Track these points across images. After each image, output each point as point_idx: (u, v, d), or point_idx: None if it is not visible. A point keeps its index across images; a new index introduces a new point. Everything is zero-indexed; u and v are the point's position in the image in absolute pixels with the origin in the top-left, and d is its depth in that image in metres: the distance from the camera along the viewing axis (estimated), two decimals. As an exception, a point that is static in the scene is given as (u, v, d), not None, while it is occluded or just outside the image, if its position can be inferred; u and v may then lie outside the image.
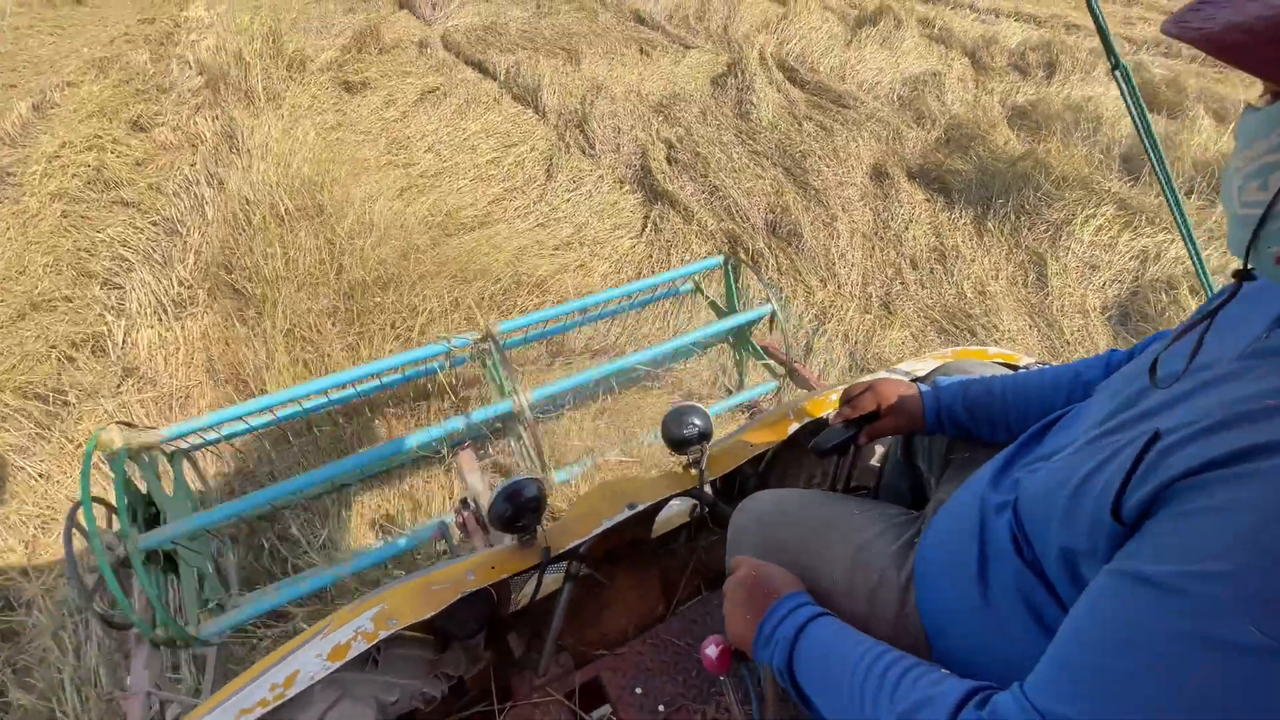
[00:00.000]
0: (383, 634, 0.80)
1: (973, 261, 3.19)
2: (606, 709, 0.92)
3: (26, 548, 1.93)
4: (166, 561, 1.36)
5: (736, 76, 4.98)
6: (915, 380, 1.03)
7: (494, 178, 3.76)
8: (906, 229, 3.43)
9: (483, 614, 0.95)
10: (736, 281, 2.07)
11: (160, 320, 2.64)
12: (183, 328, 2.60)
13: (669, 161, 4.05)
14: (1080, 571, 0.50)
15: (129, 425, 1.40)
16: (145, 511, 1.40)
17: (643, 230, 3.51)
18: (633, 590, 1.12)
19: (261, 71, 4.27)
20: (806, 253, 3.27)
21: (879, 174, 3.95)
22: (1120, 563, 0.43)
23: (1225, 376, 0.45)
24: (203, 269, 2.94)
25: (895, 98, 4.97)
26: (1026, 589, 0.55)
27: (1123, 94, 1.36)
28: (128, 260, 3.03)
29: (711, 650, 0.75)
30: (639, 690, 0.91)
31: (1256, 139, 0.42)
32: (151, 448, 1.45)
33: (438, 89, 4.70)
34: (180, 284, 2.87)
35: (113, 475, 1.27)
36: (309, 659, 0.77)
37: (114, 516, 1.30)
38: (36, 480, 2.04)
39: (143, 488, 1.43)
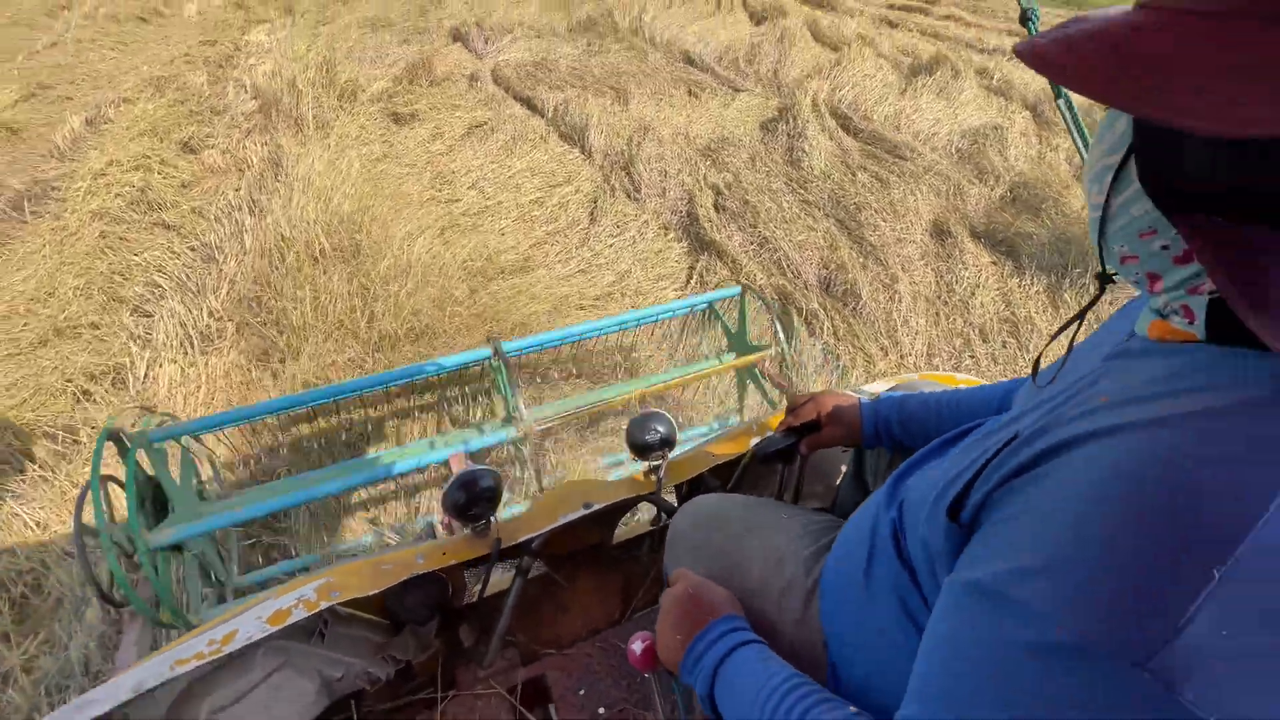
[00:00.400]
0: (324, 604, 0.81)
1: (1048, 336, 2.93)
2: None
3: (14, 609, 1.76)
4: (170, 546, 1.37)
5: (787, 122, 4.85)
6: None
7: (537, 219, 3.64)
8: (973, 294, 3.19)
9: (434, 600, 0.96)
10: (766, 313, 2.03)
11: (185, 354, 2.52)
12: (206, 364, 2.48)
13: (717, 209, 3.89)
14: (937, 571, 0.50)
15: (149, 410, 1.44)
16: (153, 497, 1.42)
17: (687, 282, 3.34)
18: (591, 595, 1.12)
19: (313, 100, 4.26)
20: (865, 316, 3.05)
21: (940, 232, 3.73)
22: (957, 571, 0.44)
23: (1086, 377, 0.46)
24: (235, 300, 2.83)
25: (954, 150, 4.77)
26: (902, 590, 0.56)
27: (1068, 126, 1.31)
28: (160, 287, 2.94)
29: (637, 646, 0.73)
30: (582, 692, 0.93)
31: (1098, 143, 0.44)
32: (162, 436, 1.45)
33: (485, 123, 4.65)
34: (210, 315, 2.76)
35: (123, 463, 1.30)
36: (249, 620, 0.78)
37: (120, 498, 1.32)
38: (31, 529, 1.89)
39: (150, 471, 1.44)
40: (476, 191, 3.81)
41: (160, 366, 2.42)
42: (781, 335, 1.90)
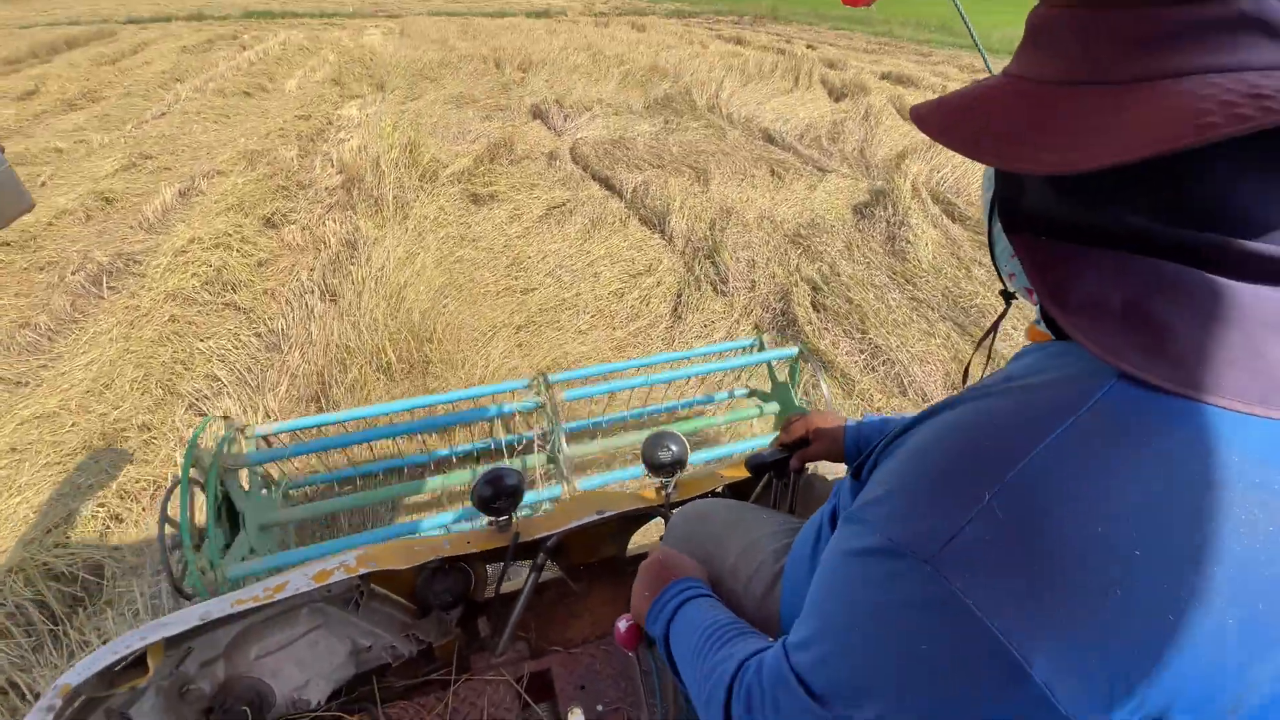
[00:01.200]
0: (361, 570, 0.94)
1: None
2: (580, 714, 0.96)
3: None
4: (232, 526, 1.50)
5: (885, 207, 4.48)
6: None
7: (617, 315, 3.33)
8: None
9: (459, 589, 1.07)
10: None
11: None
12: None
13: (816, 308, 3.50)
14: None
15: (227, 419, 1.56)
16: (227, 509, 1.52)
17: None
18: (601, 603, 1.19)
19: (395, 180, 4.20)
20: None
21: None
22: (844, 512, 0.50)
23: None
24: (294, 400, 2.59)
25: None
26: None
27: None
28: (219, 380, 2.74)
29: (621, 625, 0.79)
30: (583, 688, 1.02)
31: (985, 181, 0.52)
32: (238, 460, 1.56)
33: (564, 204, 4.49)
34: (266, 416, 2.52)
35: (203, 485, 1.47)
36: (297, 575, 0.93)
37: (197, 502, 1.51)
38: (21, 705, 1.57)
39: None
40: (554, 280, 3.56)
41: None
42: (829, 400, 1.92)
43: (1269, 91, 0.31)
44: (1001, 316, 0.64)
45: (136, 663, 0.85)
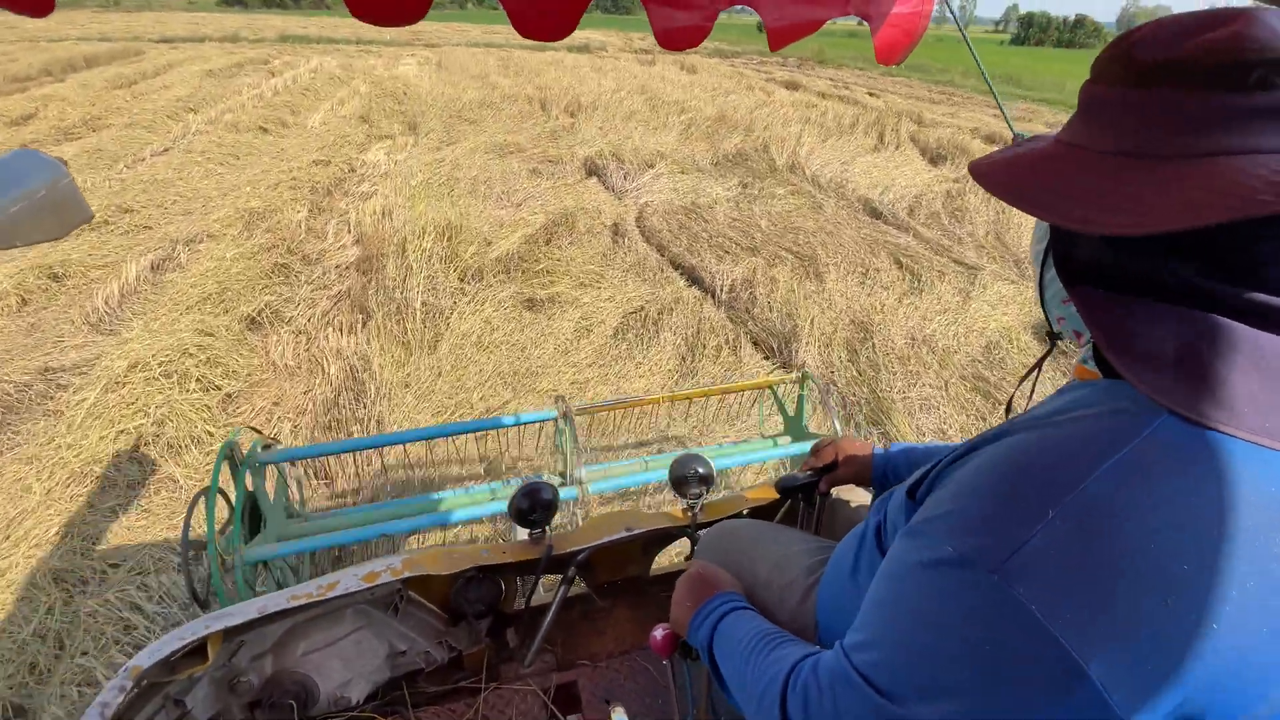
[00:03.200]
0: (406, 573, 0.98)
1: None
2: (622, 712, 0.95)
3: None
4: (253, 526, 1.53)
5: (1073, 334, 3.31)
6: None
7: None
8: None
9: (491, 599, 1.08)
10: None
11: None
12: None
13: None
14: None
15: (256, 431, 1.60)
16: (250, 511, 1.53)
17: None
18: (626, 620, 1.22)
19: (426, 280, 3.11)
20: None
21: None
22: (904, 528, 0.51)
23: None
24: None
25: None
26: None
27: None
28: (124, 650, 1.61)
29: (658, 633, 0.81)
30: (608, 701, 1.04)
31: (1036, 232, 0.57)
32: (269, 460, 1.57)
33: (643, 308, 3.38)
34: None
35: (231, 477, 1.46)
36: (348, 576, 0.97)
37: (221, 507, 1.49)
38: None
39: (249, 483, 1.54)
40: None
41: None
42: (838, 426, 1.84)
43: None
44: (1046, 355, 0.67)
45: (194, 652, 0.88)
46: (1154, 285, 0.43)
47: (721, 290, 3.69)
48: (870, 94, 12.23)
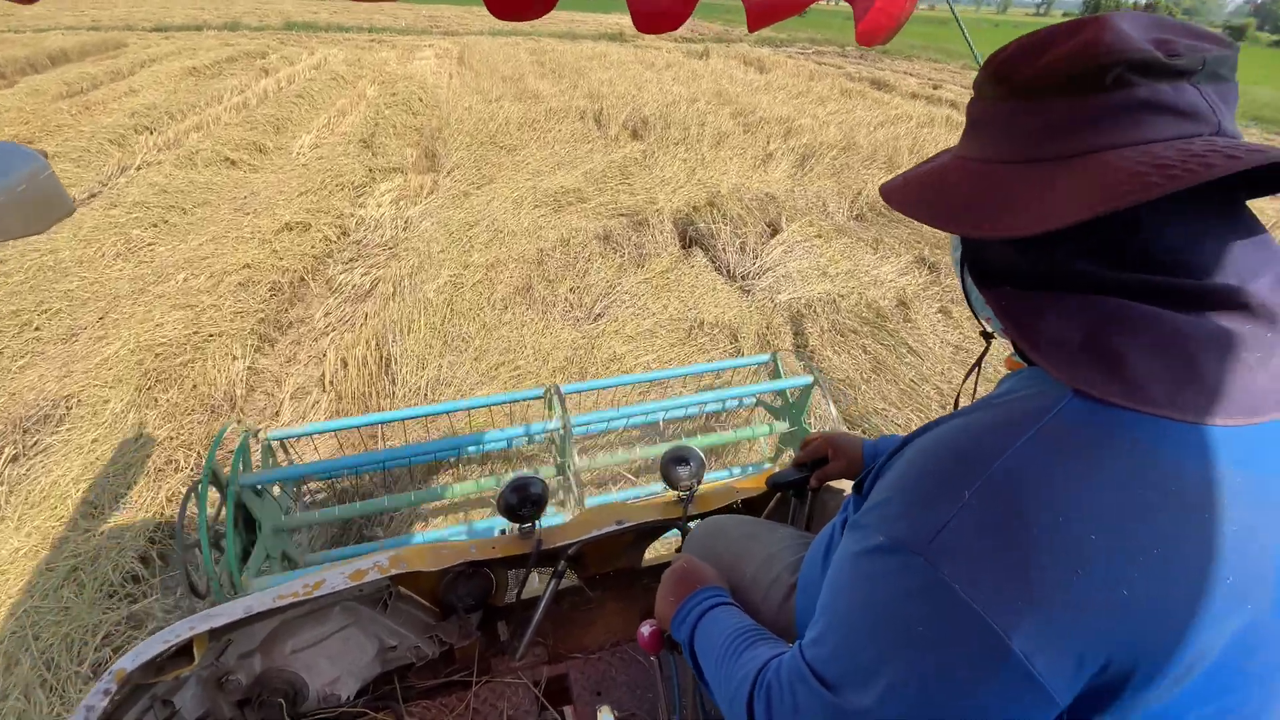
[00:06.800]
0: (393, 571, 0.96)
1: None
2: (609, 713, 0.93)
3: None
4: (248, 530, 1.52)
5: None
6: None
7: None
8: None
9: (481, 593, 1.07)
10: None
11: None
12: None
13: None
14: None
15: (246, 427, 1.59)
16: (245, 518, 1.53)
17: None
18: (617, 612, 1.21)
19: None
20: None
21: None
22: (850, 520, 0.53)
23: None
24: None
25: None
26: None
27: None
28: None
29: (645, 629, 0.80)
30: (599, 693, 1.04)
31: (953, 242, 0.56)
32: (253, 481, 1.53)
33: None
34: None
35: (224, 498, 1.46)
36: (335, 574, 0.94)
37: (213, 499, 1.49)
38: None
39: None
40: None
41: None
42: (835, 421, 1.85)
43: (1170, 162, 0.38)
44: (983, 355, 0.68)
45: (181, 653, 0.87)
46: (1058, 278, 0.45)
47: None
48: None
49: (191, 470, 2.06)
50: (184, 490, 1.89)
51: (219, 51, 11.21)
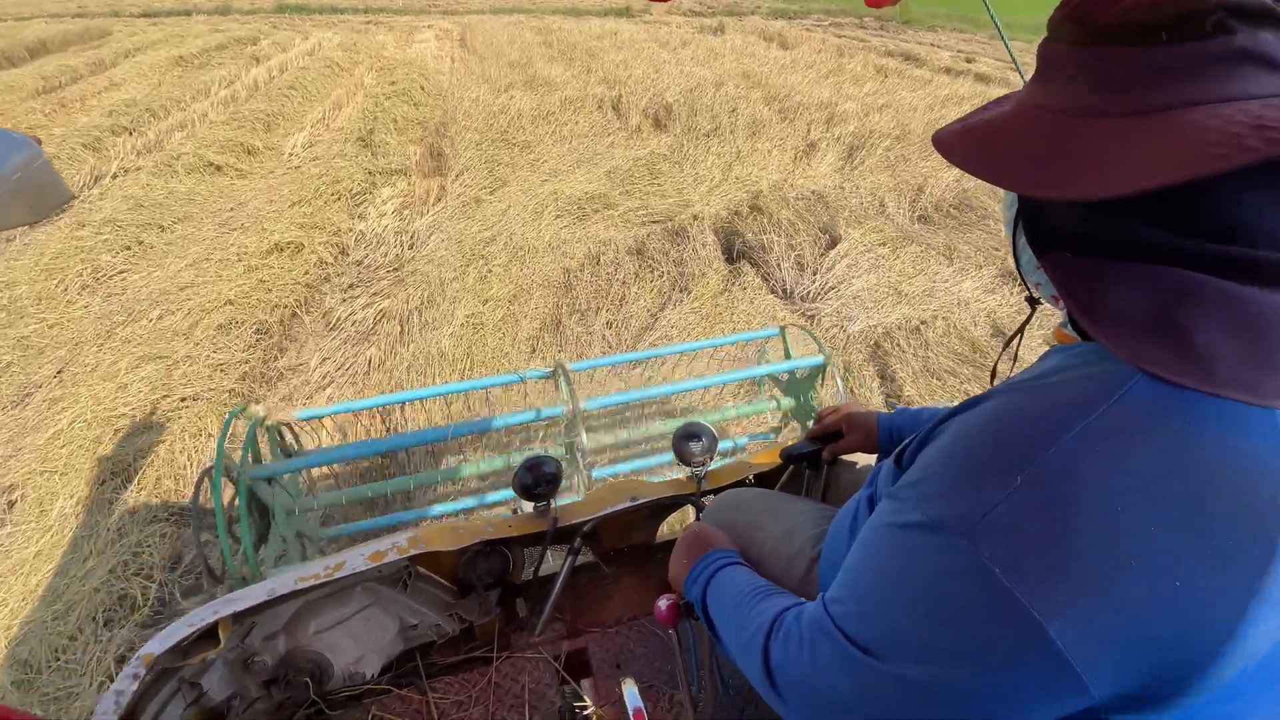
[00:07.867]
0: (412, 551, 0.97)
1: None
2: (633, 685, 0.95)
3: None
4: (261, 519, 1.49)
5: None
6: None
7: None
8: None
9: (499, 570, 1.09)
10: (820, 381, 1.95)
11: None
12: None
13: None
14: None
15: (252, 413, 1.53)
16: (258, 506, 1.51)
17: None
18: (633, 587, 1.22)
19: None
20: None
21: None
22: (887, 491, 0.52)
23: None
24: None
25: None
26: None
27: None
28: None
29: (662, 604, 0.80)
30: (618, 666, 1.06)
31: (1006, 200, 0.52)
32: (262, 474, 1.51)
33: None
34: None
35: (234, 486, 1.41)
36: (355, 555, 0.95)
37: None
38: None
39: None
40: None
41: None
42: (843, 394, 1.82)
43: (1270, 123, 0.33)
44: (1027, 321, 0.64)
45: (206, 636, 0.88)
46: (1123, 246, 0.41)
47: None
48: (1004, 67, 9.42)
49: (153, 606, 1.61)
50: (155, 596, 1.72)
51: (208, 39, 10.58)
